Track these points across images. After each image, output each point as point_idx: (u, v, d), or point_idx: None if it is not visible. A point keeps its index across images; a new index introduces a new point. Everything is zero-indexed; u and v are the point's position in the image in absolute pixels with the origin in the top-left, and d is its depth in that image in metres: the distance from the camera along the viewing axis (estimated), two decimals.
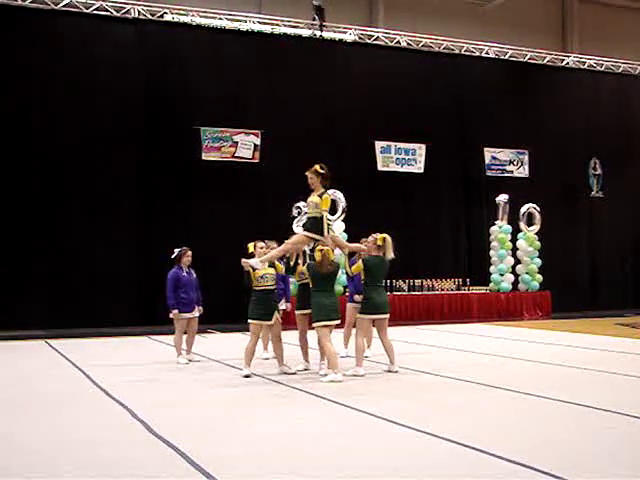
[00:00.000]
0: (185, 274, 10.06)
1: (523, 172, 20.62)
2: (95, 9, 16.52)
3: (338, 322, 8.71)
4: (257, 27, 18.16)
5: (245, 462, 4.86)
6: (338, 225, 15.55)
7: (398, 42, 19.60)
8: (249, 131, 17.37)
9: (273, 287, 8.87)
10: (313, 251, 8.73)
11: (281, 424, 6.04)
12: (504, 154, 20.44)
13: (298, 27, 18.58)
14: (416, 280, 17.78)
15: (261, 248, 8.96)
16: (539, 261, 18.73)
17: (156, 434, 5.65)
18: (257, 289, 8.72)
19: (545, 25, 22.75)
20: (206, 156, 17.00)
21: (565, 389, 7.51)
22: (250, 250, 8.93)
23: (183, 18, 17.51)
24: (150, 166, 16.71)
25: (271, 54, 17.85)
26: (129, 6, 16.80)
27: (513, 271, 18.71)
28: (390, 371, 8.95)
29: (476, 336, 13.78)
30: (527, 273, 18.72)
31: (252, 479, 4.51)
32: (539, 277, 18.67)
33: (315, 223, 8.55)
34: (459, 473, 4.55)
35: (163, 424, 5.97)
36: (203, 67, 17.22)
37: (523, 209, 18.75)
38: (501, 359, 10.23)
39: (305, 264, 8.97)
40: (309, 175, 8.63)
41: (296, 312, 9.32)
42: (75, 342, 13.12)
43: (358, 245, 9.29)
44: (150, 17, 17.08)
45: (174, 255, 10.11)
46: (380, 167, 18.84)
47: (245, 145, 17.38)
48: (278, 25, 18.34)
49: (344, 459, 4.89)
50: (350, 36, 19.19)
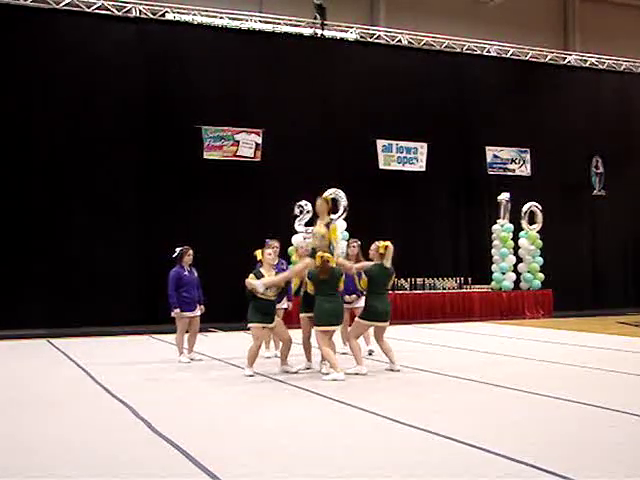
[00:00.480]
0: (187, 273, 10.06)
1: (525, 171, 20.58)
2: (96, 8, 16.51)
3: (339, 327, 8.69)
4: (258, 26, 18.14)
5: (247, 461, 4.85)
6: (340, 224, 15.52)
7: (399, 41, 19.58)
8: (250, 130, 17.34)
9: (275, 298, 8.82)
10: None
11: (283, 423, 6.03)
12: (506, 153, 20.41)
13: (299, 26, 18.56)
14: (418, 279, 17.75)
15: (269, 255, 8.87)
16: (541, 260, 18.70)
17: (158, 433, 5.65)
18: (259, 297, 8.63)
19: (547, 23, 22.73)
20: (207, 155, 16.98)
21: (567, 388, 7.50)
22: (258, 257, 8.84)
23: (184, 17, 17.49)
24: (151, 165, 16.70)
25: (272, 53, 17.83)
26: (130, 5, 16.78)
27: (515, 270, 18.69)
28: (392, 370, 8.94)
29: (478, 335, 13.78)
30: (529, 272, 18.70)
31: (254, 478, 4.51)
32: (541, 276, 18.65)
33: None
34: (461, 472, 4.54)
35: (165, 423, 5.96)
36: (204, 66, 17.20)
37: (525, 207, 18.74)
38: (503, 358, 10.22)
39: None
40: (319, 202, 8.76)
41: (301, 315, 9.20)
42: (76, 341, 13.11)
43: (363, 264, 9.27)
44: (151, 16, 17.06)
45: (175, 254, 10.10)
46: (381, 166, 18.81)
47: (246, 144, 17.36)
48: (279, 24, 18.33)
49: (345, 458, 4.88)
50: (351, 35, 19.17)
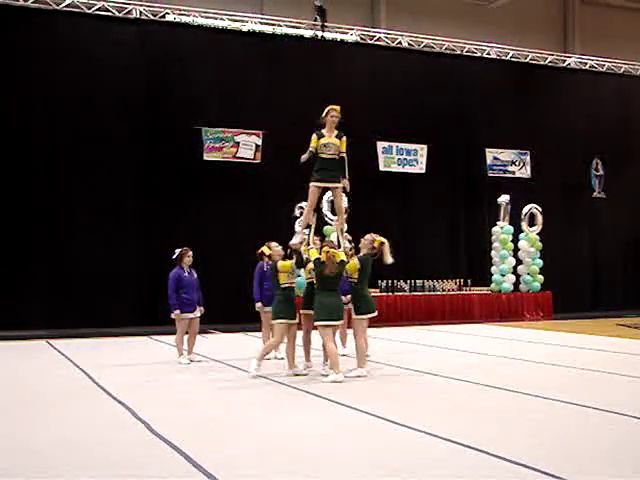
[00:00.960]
0: (186, 274, 10.06)
1: (525, 173, 20.59)
2: (97, 9, 16.52)
3: (340, 323, 8.66)
4: (259, 27, 18.15)
5: (246, 462, 4.86)
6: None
7: (399, 42, 19.60)
8: (251, 131, 17.36)
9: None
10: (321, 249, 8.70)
11: (282, 424, 6.04)
12: (506, 155, 20.43)
13: (300, 27, 18.58)
14: (417, 280, 17.76)
15: (276, 247, 9.07)
16: (540, 262, 18.69)
17: (157, 434, 5.65)
18: (284, 286, 8.71)
19: (546, 26, 22.75)
20: (207, 156, 16.99)
21: (566, 389, 7.50)
22: (267, 252, 8.95)
23: (185, 18, 17.51)
24: (151, 166, 16.71)
25: (273, 54, 17.84)
26: (131, 6, 16.80)
27: (514, 272, 18.70)
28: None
29: (477, 337, 13.78)
30: (528, 274, 18.70)
31: (252, 479, 4.51)
32: (540, 278, 18.64)
33: (343, 165, 9.10)
34: (459, 473, 4.55)
35: (164, 424, 5.97)
36: (205, 67, 17.20)
37: (525, 209, 18.72)
38: (502, 359, 10.23)
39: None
40: (337, 113, 9.18)
41: (301, 311, 9.21)
42: (76, 342, 13.11)
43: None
44: (152, 17, 17.07)
45: (175, 255, 10.10)
46: (382, 167, 18.82)
47: (246, 145, 17.37)
48: (280, 25, 18.34)
49: (344, 459, 4.89)
50: (352, 36, 19.19)
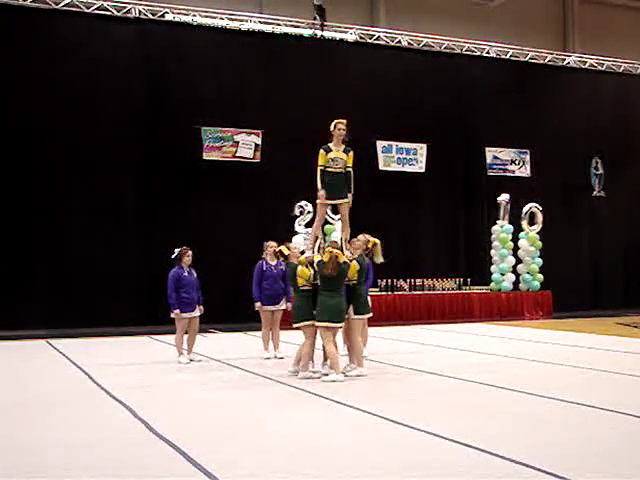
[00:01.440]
0: (186, 274, 10.04)
1: (524, 172, 20.60)
2: (96, 9, 16.53)
3: (341, 325, 8.54)
4: (258, 27, 18.16)
5: (246, 462, 4.85)
6: (338, 226, 15.50)
7: (399, 42, 19.60)
8: (250, 131, 17.36)
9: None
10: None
11: (282, 424, 6.03)
12: (505, 154, 20.43)
13: (299, 27, 18.58)
14: (417, 280, 17.78)
15: (295, 249, 9.03)
16: (540, 261, 18.70)
17: (157, 434, 5.65)
18: (303, 288, 8.57)
19: (546, 25, 22.75)
20: (207, 156, 16.99)
21: (566, 389, 7.50)
22: (286, 252, 8.83)
23: (184, 18, 17.51)
24: (151, 166, 16.72)
25: (272, 54, 17.85)
26: (130, 6, 16.80)
27: (514, 271, 18.70)
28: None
29: (477, 336, 13.78)
30: (528, 273, 18.70)
31: (252, 479, 4.51)
32: (540, 277, 18.64)
33: (349, 180, 8.90)
34: (460, 473, 4.54)
35: (164, 424, 5.96)
36: (204, 67, 17.21)
37: (525, 208, 18.73)
38: (502, 359, 10.22)
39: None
40: (344, 126, 8.87)
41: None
42: (76, 342, 13.12)
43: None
44: (151, 17, 17.08)
45: (174, 255, 10.09)
46: (381, 167, 18.83)
47: (246, 145, 17.37)
48: (279, 25, 18.34)
49: (344, 459, 4.88)
50: (351, 36, 19.18)
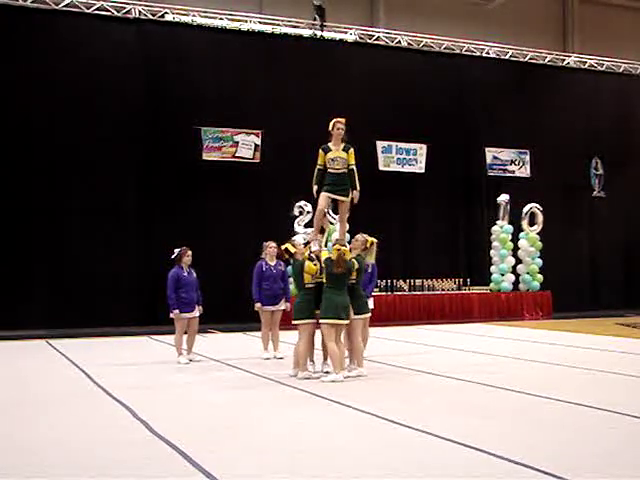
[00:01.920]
0: (185, 274, 10.04)
1: (524, 172, 20.60)
2: (96, 9, 16.53)
3: (346, 322, 8.46)
4: (258, 27, 18.16)
5: (245, 462, 4.86)
6: (338, 226, 15.49)
7: (399, 42, 19.60)
8: (250, 131, 17.36)
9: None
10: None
11: (281, 424, 6.04)
12: (505, 154, 20.43)
13: (299, 27, 18.59)
14: (417, 280, 17.79)
15: (300, 245, 9.00)
16: (540, 261, 18.70)
17: (157, 434, 5.65)
18: (309, 286, 8.55)
19: (546, 25, 22.75)
20: (207, 156, 17.00)
21: (565, 389, 7.50)
22: (292, 250, 8.78)
23: (184, 18, 17.52)
24: (150, 166, 16.72)
25: (272, 54, 17.85)
26: (130, 6, 16.80)
27: (514, 271, 18.70)
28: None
29: (476, 336, 13.78)
30: (528, 273, 18.70)
31: (252, 479, 4.51)
32: (539, 277, 18.65)
33: (352, 177, 8.84)
34: (459, 473, 4.55)
35: (164, 424, 5.97)
36: (204, 67, 17.22)
37: (525, 209, 18.73)
38: (501, 359, 10.23)
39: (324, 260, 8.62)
40: (342, 125, 8.79)
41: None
42: (76, 342, 13.12)
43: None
44: (151, 17, 17.08)
45: (174, 255, 10.09)
46: (381, 167, 18.84)
47: (246, 145, 17.37)
48: (279, 25, 18.35)
49: (344, 459, 4.88)
50: (351, 36, 19.19)
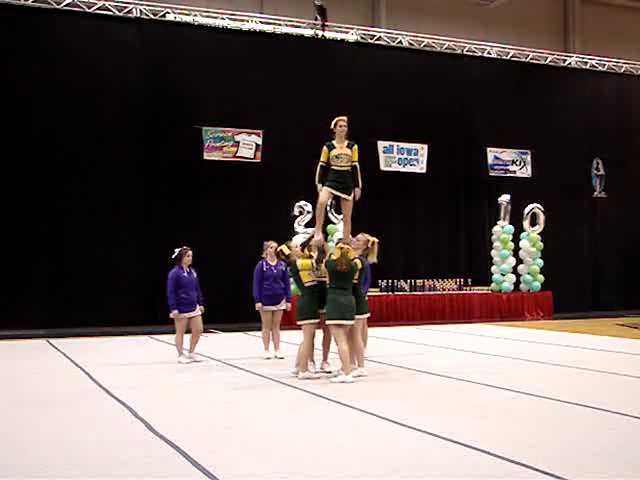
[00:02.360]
0: (186, 274, 10.01)
1: (525, 172, 20.59)
2: (97, 9, 16.54)
3: (352, 323, 8.41)
4: (259, 27, 18.16)
5: (245, 461, 4.86)
6: (341, 225, 15.49)
7: (400, 42, 19.60)
8: (251, 131, 17.36)
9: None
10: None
11: (281, 424, 6.03)
12: (507, 154, 20.43)
13: (300, 27, 18.58)
14: (417, 280, 17.78)
15: (295, 247, 8.99)
16: (541, 262, 18.68)
17: (157, 433, 5.65)
18: (308, 285, 8.54)
19: (547, 25, 22.75)
20: (208, 156, 17.00)
21: (566, 389, 7.50)
22: (287, 252, 8.80)
23: (185, 18, 17.51)
24: (151, 166, 16.73)
25: (273, 54, 17.85)
26: (131, 6, 16.81)
27: (514, 271, 18.69)
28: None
29: (477, 336, 13.78)
30: (529, 273, 18.69)
31: (252, 479, 4.51)
32: (540, 277, 18.63)
33: (355, 175, 8.91)
34: (459, 473, 4.55)
35: (164, 424, 5.97)
36: (205, 67, 17.22)
37: (527, 209, 18.70)
38: (502, 359, 10.22)
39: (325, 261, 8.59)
40: (345, 123, 8.86)
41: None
42: (76, 342, 13.12)
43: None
44: (152, 17, 17.08)
45: (174, 255, 10.08)
46: (382, 167, 18.83)
47: (247, 145, 17.38)
48: (280, 25, 18.35)
49: (344, 459, 4.88)
50: (352, 36, 19.19)
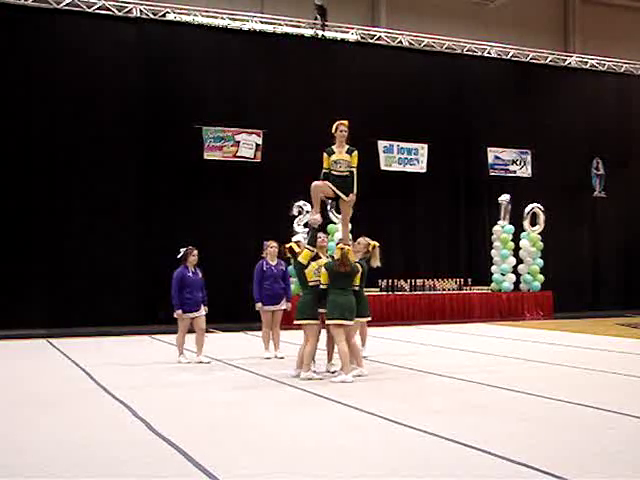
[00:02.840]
0: (190, 274, 9.97)
1: (526, 172, 20.59)
2: (97, 8, 16.52)
3: (352, 323, 8.40)
4: (259, 27, 18.14)
5: (246, 461, 4.86)
6: (340, 226, 15.51)
7: (400, 42, 19.59)
8: (251, 131, 17.36)
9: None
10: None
11: (281, 424, 6.04)
12: (507, 154, 20.43)
13: (300, 27, 18.56)
14: (418, 280, 17.77)
15: (300, 243, 9.02)
16: (541, 261, 18.67)
17: (157, 433, 5.65)
18: (312, 284, 8.51)
19: (547, 25, 22.73)
20: (208, 156, 17.00)
21: (566, 389, 7.50)
22: (297, 250, 8.78)
23: (185, 17, 17.49)
24: (151, 166, 16.71)
25: (273, 54, 17.84)
26: (131, 5, 16.79)
27: (514, 271, 18.69)
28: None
29: (477, 336, 13.78)
30: (529, 273, 18.68)
31: (252, 478, 4.52)
32: (540, 277, 18.62)
33: (352, 181, 8.69)
34: (459, 473, 4.55)
35: (164, 423, 5.97)
36: (205, 66, 17.21)
37: (527, 209, 18.70)
38: (502, 359, 10.23)
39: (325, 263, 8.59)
40: (345, 127, 8.70)
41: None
42: (76, 341, 13.12)
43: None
44: (152, 16, 17.07)
45: (180, 255, 10.04)
46: (383, 167, 18.82)
47: (247, 145, 17.37)
48: (280, 25, 18.33)
49: (344, 459, 4.89)
50: (352, 36, 19.17)
